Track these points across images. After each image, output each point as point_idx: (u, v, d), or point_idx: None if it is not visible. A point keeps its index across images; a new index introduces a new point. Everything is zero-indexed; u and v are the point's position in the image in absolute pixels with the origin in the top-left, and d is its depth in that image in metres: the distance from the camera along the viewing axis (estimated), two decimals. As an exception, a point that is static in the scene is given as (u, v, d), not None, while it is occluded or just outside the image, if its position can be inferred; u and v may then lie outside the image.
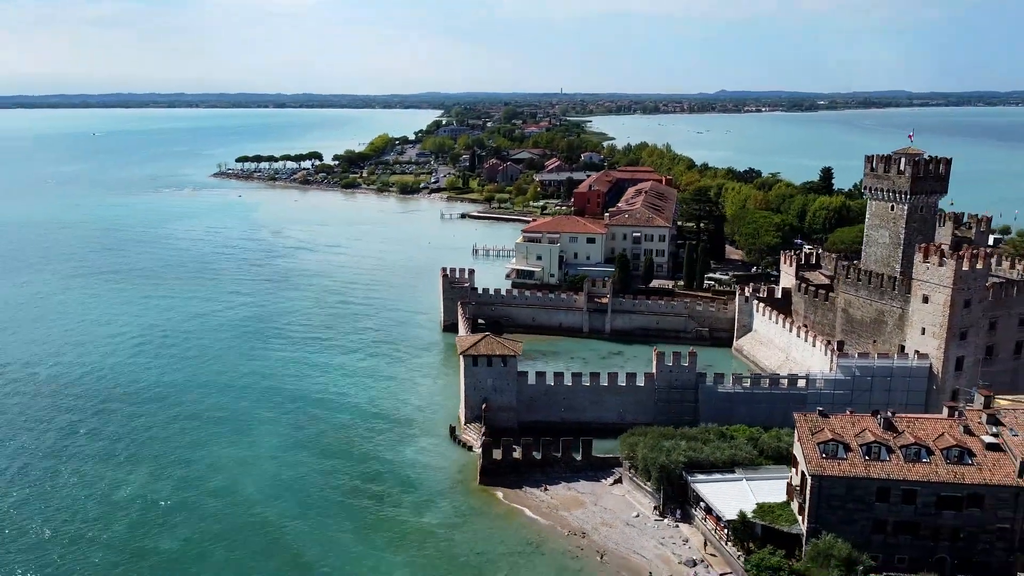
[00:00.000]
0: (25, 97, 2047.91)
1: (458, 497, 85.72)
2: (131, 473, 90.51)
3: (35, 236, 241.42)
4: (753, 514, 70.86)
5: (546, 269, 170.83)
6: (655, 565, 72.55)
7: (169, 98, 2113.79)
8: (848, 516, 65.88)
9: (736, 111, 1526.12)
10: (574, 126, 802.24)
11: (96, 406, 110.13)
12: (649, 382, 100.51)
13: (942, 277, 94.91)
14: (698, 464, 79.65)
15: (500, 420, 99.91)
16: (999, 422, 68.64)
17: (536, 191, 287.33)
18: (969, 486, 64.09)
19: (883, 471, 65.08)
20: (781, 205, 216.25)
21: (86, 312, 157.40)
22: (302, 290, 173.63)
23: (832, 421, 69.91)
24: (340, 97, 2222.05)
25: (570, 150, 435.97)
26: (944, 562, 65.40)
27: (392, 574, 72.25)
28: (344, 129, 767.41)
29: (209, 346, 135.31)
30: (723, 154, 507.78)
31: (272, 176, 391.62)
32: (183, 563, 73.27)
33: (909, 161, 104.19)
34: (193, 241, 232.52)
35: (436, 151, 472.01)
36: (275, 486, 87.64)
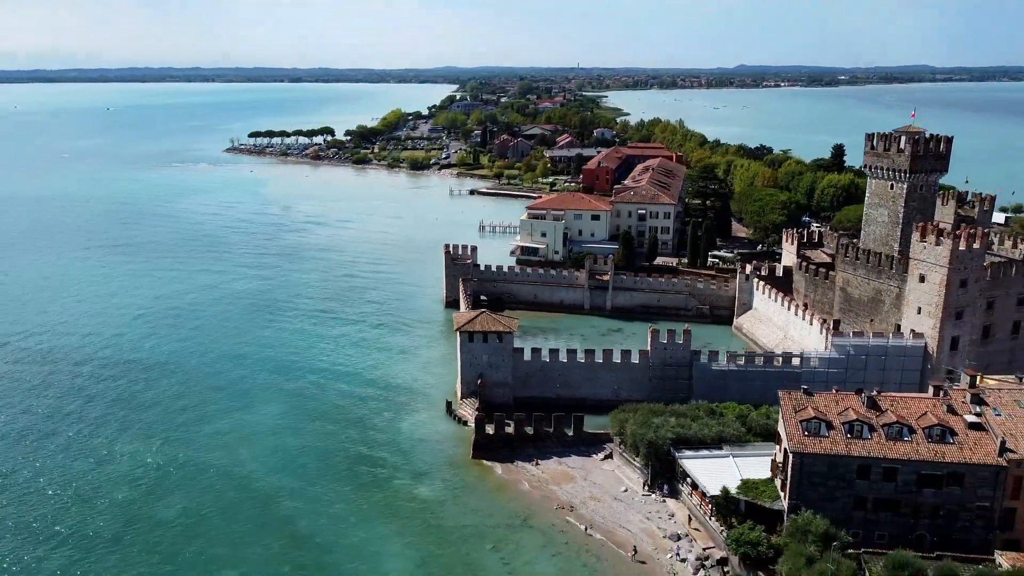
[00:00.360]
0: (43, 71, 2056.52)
1: (451, 471, 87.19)
2: (134, 442, 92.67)
3: (50, 211, 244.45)
4: (737, 490, 71.71)
5: (550, 246, 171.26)
6: (640, 539, 73.77)
7: (185, 72, 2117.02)
8: (829, 493, 66.61)
9: (754, 86, 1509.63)
10: (589, 101, 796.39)
11: (103, 376, 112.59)
12: (643, 359, 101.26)
13: (938, 256, 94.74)
14: (686, 440, 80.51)
15: (496, 396, 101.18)
16: (983, 402, 68.92)
17: (546, 167, 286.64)
18: (949, 465, 64.57)
19: (864, 449, 65.66)
20: (790, 183, 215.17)
21: (97, 285, 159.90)
22: (309, 265, 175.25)
23: (816, 399, 70.47)
24: (356, 72, 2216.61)
25: (583, 126, 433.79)
26: (924, 539, 66.02)
27: (383, 545, 73.83)
28: (358, 104, 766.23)
29: (215, 319, 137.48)
30: (738, 130, 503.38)
31: (284, 152, 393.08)
32: (180, 531, 75.19)
33: (909, 139, 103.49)
34: (204, 216, 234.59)
35: (449, 127, 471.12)
36: (272, 458, 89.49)
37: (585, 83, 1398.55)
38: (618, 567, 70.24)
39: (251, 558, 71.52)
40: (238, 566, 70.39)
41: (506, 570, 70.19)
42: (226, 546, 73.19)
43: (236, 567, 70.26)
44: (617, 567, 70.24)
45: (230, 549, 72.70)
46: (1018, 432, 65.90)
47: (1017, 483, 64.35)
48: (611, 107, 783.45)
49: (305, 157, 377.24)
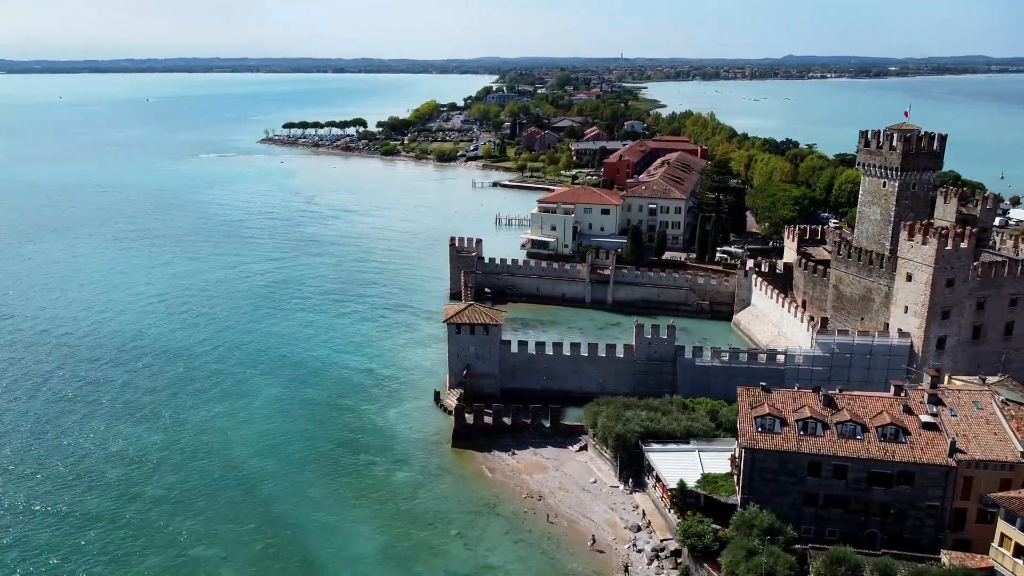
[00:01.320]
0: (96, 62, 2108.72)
1: (430, 458, 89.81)
2: (134, 423, 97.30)
3: (84, 199, 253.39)
4: (697, 484, 73.08)
5: (560, 240, 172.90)
6: (601, 529, 75.60)
7: (232, 63, 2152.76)
8: (780, 489, 67.62)
9: (800, 77, 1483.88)
10: (626, 93, 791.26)
11: (113, 358, 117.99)
12: (628, 353, 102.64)
13: (925, 256, 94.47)
14: (654, 434, 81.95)
15: (483, 386, 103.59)
16: (940, 402, 69.18)
17: (569, 160, 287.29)
18: (899, 464, 65.14)
19: (815, 446, 66.52)
20: (810, 178, 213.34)
21: (118, 271, 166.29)
22: (324, 255, 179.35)
23: (774, 396, 71.40)
24: (399, 62, 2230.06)
25: (613, 119, 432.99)
26: (875, 537, 66.72)
27: (353, 528, 76.78)
28: (397, 95, 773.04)
29: (226, 306, 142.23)
30: (774, 123, 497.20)
31: (316, 143, 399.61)
32: (164, 509, 79.04)
33: (900, 137, 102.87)
34: (229, 206, 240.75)
35: (481, 118, 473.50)
36: (261, 441, 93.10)
37: (626, 74, 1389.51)
38: (576, 555, 72.17)
39: (227, 536, 74.97)
40: (214, 543, 73.85)
41: (468, 555, 72.56)
42: (205, 524, 76.80)
43: (212, 544, 73.73)
44: (575, 555, 72.17)
45: (208, 526, 76.29)
46: (971, 433, 66.18)
47: (967, 484, 64.69)
48: (648, 99, 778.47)
49: (336, 148, 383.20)
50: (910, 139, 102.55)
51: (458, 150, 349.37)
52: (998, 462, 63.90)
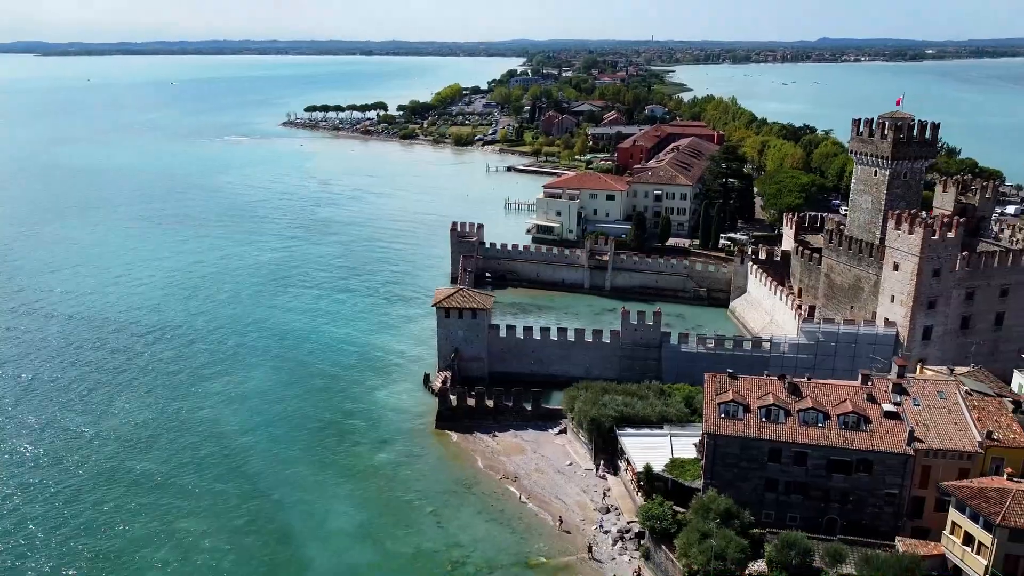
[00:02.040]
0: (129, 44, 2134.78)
1: (413, 439, 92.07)
2: (132, 399, 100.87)
3: (104, 180, 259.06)
4: (664, 468, 74.46)
5: (565, 225, 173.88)
6: (571, 510, 77.37)
7: (262, 45, 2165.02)
8: (742, 474, 68.78)
9: (832, 61, 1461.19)
10: (652, 76, 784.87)
11: (117, 337, 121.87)
12: (615, 339, 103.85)
13: (911, 245, 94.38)
14: (630, 419, 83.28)
15: (471, 370, 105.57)
16: (905, 391, 69.75)
17: (584, 145, 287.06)
18: (858, 451, 65.95)
19: (775, 433, 67.51)
20: (822, 164, 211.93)
21: (129, 252, 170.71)
22: (332, 238, 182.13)
23: (739, 383, 72.36)
24: (427, 45, 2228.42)
25: (635, 102, 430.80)
26: (835, 523, 67.71)
27: (332, 504, 79.26)
28: (423, 78, 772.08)
29: (232, 287, 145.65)
30: (798, 107, 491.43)
31: (336, 126, 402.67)
32: (152, 484, 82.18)
33: (891, 126, 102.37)
34: (244, 189, 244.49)
35: (502, 102, 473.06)
36: (252, 418, 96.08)
37: (655, 57, 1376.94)
38: (543, 535, 74.05)
39: (210, 510, 77.85)
40: (196, 517, 76.74)
41: (440, 532, 74.73)
42: (190, 498, 79.80)
43: (195, 517, 76.62)
44: (542, 535, 74.05)
45: (193, 501, 79.28)
46: (932, 423, 66.76)
47: (925, 472, 65.37)
48: (675, 82, 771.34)
49: (356, 132, 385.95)
50: (901, 127, 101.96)
51: (475, 134, 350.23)
52: (956, 451, 64.52)
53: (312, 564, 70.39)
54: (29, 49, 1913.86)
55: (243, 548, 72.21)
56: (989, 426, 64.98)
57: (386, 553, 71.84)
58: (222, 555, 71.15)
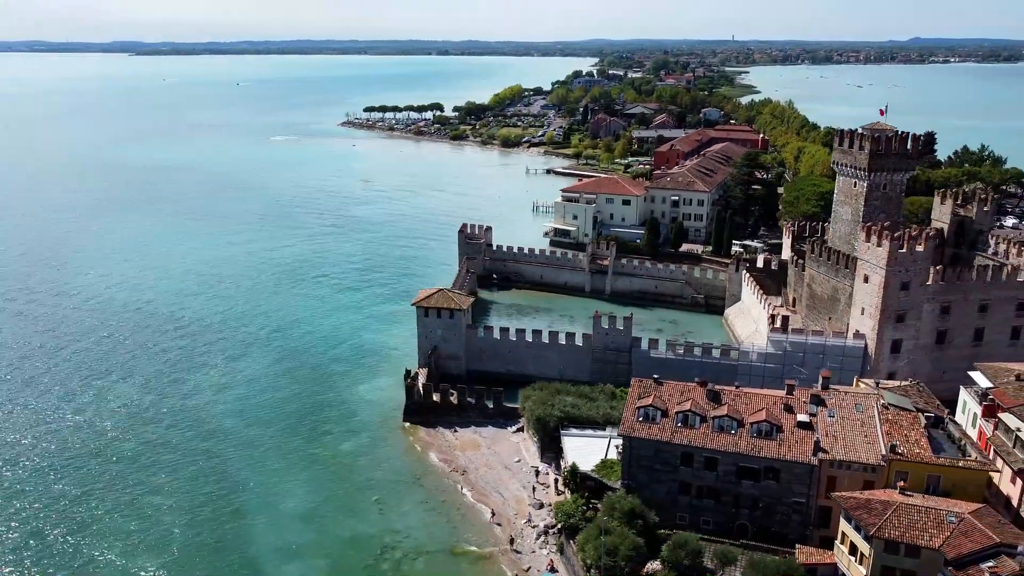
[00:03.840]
0: (217, 43, 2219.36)
1: (380, 430, 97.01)
2: (130, 384, 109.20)
3: (160, 177, 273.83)
4: (593, 468, 77.29)
5: (581, 229, 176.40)
6: (507, 504, 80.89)
7: (343, 45, 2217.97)
8: (656, 477, 71.10)
9: (919, 62, 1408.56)
10: (721, 78, 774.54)
11: (126, 325, 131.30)
12: (587, 342, 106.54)
13: (879, 257, 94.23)
14: (575, 420, 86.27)
15: (449, 367, 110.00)
16: (822, 402, 70.84)
17: (625, 148, 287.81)
18: (765, 459, 67.50)
19: (687, 438, 69.58)
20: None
21: (165, 245, 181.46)
22: (358, 236, 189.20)
23: (663, 388, 74.55)
24: (503, 44, 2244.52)
25: (693, 105, 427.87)
26: (746, 529, 69.43)
27: (289, 488, 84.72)
28: (491, 78, 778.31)
29: (249, 282, 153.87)
30: (865, 112, 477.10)
31: (391, 126, 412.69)
32: (130, 462, 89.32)
33: (868, 137, 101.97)
34: (288, 187, 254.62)
35: (559, 103, 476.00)
36: (235, 405, 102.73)
37: (731, 57, 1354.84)
38: (475, 526, 77.90)
39: (178, 488, 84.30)
40: (164, 493, 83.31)
41: (379, 519, 79.31)
42: (163, 476, 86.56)
43: (163, 494, 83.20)
44: (474, 526, 77.92)
45: (164, 478, 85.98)
46: (842, 434, 67.78)
47: (831, 483, 66.44)
48: (744, 84, 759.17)
49: (409, 132, 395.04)
50: (878, 139, 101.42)
51: (523, 136, 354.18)
52: (860, 463, 65.47)
53: (255, 539, 75.91)
54: (124, 49, 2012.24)
55: (197, 521, 78.36)
56: (897, 440, 65.66)
57: (325, 535, 76.78)
58: (177, 527, 77.40)
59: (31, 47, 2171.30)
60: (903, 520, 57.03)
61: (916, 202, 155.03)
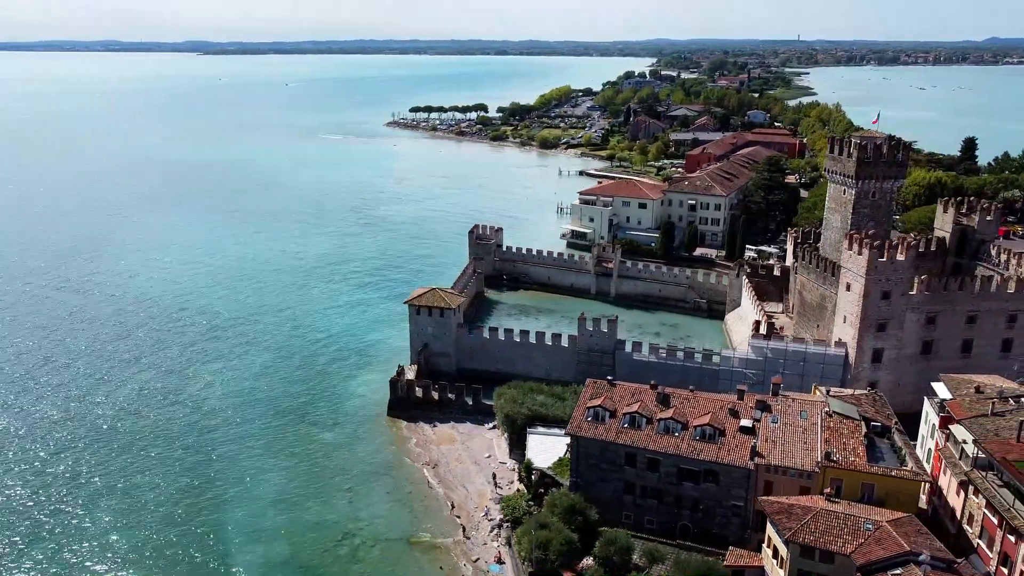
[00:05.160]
0: (282, 43, 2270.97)
1: (363, 423, 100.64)
2: (135, 372, 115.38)
3: (204, 175, 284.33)
4: (550, 466, 79.49)
5: (597, 231, 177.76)
6: (470, 498, 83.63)
7: (403, 45, 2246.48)
8: (603, 475, 72.95)
9: (993, 63, 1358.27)
10: (777, 79, 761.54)
11: (143, 313, 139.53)
12: (572, 343, 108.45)
13: (859, 266, 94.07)
14: (542, 418, 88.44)
15: (440, 364, 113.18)
16: (768, 408, 71.69)
17: (659, 151, 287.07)
18: (704, 462, 68.78)
19: (631, 439, 71.24)
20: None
21: (193, 241, 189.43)
22: (379, 235, 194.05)
23: (615, 390, 76.35)
24: (562, 44, 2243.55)
25: (739, 107, 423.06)
26: (687, 529, 70.80)
27: (267, 474, 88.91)
28: (543, 78, 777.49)
29: (266, 278, 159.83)
30: (923, 115, 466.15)
31: (434, 127, 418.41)
32: (122, 445, 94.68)
33: (856, 145, 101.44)
34: (323, 185, 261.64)
35: (604, 105, 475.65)
36: (234, 395, 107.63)
37: (793, 58, 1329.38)
38: (435, 517, 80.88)
39: (164, 470, 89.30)
40: (150, 472, 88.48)
41: (346, 507, 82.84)
42: (152, 458, 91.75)
43: (149, 474, 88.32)
44: (435, 517, 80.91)
45: (153, 461, 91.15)
46: (782, 440, 68.62)
47: (768, 487, 67.37)
48: (801, 86, 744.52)
49: (451, 133, 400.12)
50: (866, 147, 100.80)
51: (561, 137, 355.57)
52: (795, 469, 66.27)
53: (226, 520, 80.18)
54: (194, 49, 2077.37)
55: (175, 500, 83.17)
56: (834, 448, 66.24)
57: (292, 519, 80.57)
58: (156, 505, 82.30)
59: (107, 47, 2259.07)
60: (820, 526, 57.85)
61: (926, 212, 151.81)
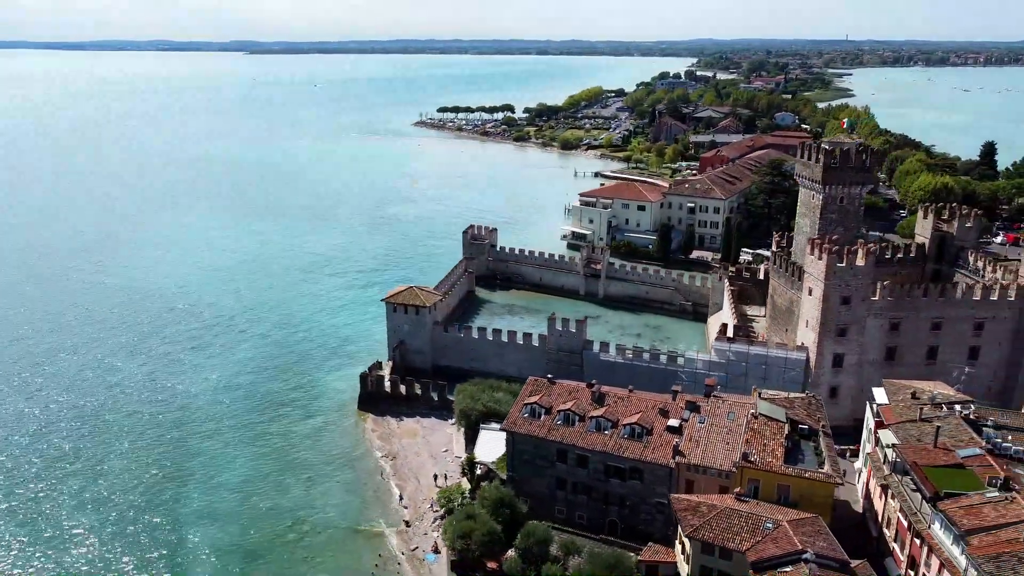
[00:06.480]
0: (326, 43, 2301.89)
1: (333, 416, 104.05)
2: (130, 362, 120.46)
3: (224, 173, 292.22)
4: (494, 461, 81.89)
5: (596, 233, 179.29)
6: (421, 489, 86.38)
7: (445, 44, 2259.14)
8: (537, 471, 75.14)
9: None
10: (816, 81, 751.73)
11: (143, 305, 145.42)
12: (543, 343, 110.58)
13: (820, 271, 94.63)
14: (496, 414, 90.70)
15: (415, 361, 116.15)
16: (697, 409, 73.16)
17: (676, 153, 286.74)
18: (629, 460, 70.56)
19: (561, 435, 73.28)
20: (899, 182, 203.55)
21: (203, 236, 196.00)
22: (383, 235, 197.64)
23: (554, 388, 78.52)
24: (605, 44, 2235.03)
25: (769, 109, 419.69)
26: (616, 525, 72.66)
27: (234, 461, 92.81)
28: (578, 79, 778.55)
29: (268, 274, 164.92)
30: (960, 119, 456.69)
31: (460, 127, 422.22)
32: (106, 427, 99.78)
33: (823, 150, 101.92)
34: (339, 184, 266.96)
35: (633, 106, 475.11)
36: (213, 387, 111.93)
37: (837, 58, 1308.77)
38: (384, 507, 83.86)
39: (137, 455, 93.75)
40: (125, 459, 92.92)
41: (301, 495, 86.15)
42: (128, 443, 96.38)
43: (123, 459, 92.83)
44: (383, 507, 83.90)
45: (128, 446, 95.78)
46: (706, 440, 70.07)
47: (690, 485, 68.90)
48: (841, 87, 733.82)
49: (475, 133, 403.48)
50: (832, 152, 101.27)
51: (584, 138, 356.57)
52: (715, 468, 67.70)
53: (186, 504, 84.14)
54: (241, 48, 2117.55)
55: (141, 483, 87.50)
56: (754, 448, 67.49)
57: (249, 505, 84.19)
58: (122, 487, 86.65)
59: (157, 47, 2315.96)
60: (722, 524, 59.38)
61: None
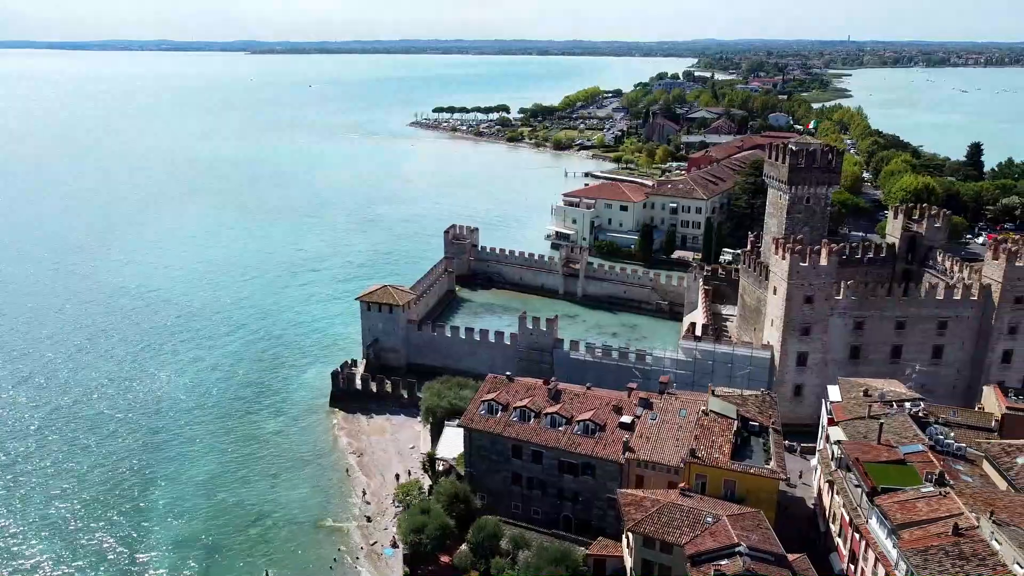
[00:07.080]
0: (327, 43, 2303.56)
1: (305, 413, 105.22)
2: (100, 358, 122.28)
3: (219, 172, 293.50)
4: (454, 458, 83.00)
5: (579, 232, 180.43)
6: (386, 485, 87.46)
7: (447, 45, 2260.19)
8: (493, 466, 76.26)
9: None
10: (814, 82, 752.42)
11: (131, 303, 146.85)
12: (514, 341, 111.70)
13: (783, 270, 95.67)
14: (460, 412, 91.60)
15: (390, 359, 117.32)
16: (649, 406, 74.23)
17: (666, 153, 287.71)
18: (581, 456, 71.65)
19: (516, 432, 74.39)
20: (886, 182, 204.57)
21: (194, 235, 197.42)
22: (370, 235, 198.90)
23: (513, 385, 79.64)
24: (607, 44, 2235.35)
25: (763, 109, 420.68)
26: (570, 520, 73.74)
27: (203, 457, 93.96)
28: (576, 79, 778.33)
29: (251, 273, 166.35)
30: (954, 119, 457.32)
31: (454, 127, 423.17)
32: (85, 422, 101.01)
33: (788, 151, 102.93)
34: (329, 184, 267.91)
35: (628, 106, 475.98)
36: (188, 383, 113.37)
37: (837, 59, 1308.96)
38: (347, 503, 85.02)
39: (111, 450, 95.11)
40: (98, 454, 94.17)
41: (267, 490, 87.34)
42: (104, 439, 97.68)
43: (97, 454, 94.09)
44: (347, 502, 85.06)
45: (104, 441, 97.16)
46: (657, 436, 71.18)
47: (640, 481, 69.97)
48: (839, 88, 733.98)
49: (469, 133, 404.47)
50: (797, 153, 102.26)
51: (576, 139, 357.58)
52: (662, 464, 68.80)
53: (152, 497, 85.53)
54: (243, 47, 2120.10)
55: (110, 477, 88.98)
56: (701, 445, 68.52)
57: (214, 501, 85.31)
58: (92, 485, 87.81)
59: (159, 46, 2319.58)
60: (663, 518, 60.33)
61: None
